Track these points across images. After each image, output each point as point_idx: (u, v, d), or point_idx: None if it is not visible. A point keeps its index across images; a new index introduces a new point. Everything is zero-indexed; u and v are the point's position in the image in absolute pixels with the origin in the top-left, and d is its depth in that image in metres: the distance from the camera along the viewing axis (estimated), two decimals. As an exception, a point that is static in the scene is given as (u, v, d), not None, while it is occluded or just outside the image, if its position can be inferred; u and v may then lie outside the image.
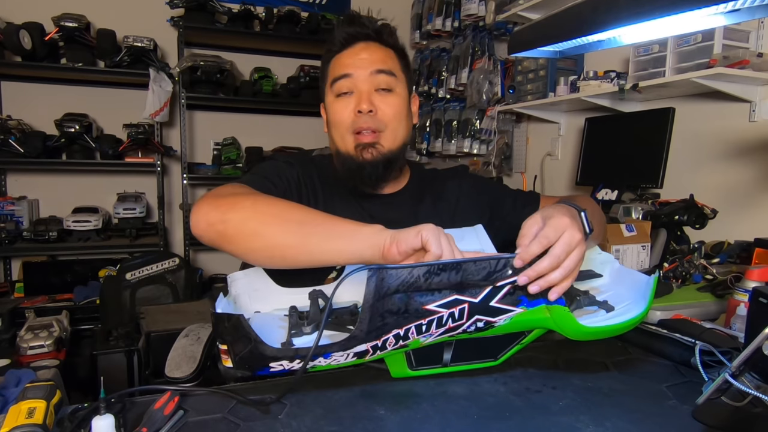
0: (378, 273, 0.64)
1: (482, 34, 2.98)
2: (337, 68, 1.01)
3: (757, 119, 1.74)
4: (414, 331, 0.69)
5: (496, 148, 2.90)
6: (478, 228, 0.89)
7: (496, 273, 0.69)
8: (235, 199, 0.82)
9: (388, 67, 1.00)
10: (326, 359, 0.69)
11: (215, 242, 0.80)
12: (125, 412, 0.68)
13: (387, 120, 1.00)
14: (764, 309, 0.70)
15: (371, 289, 0.64)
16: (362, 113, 0.98)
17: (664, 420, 0.69)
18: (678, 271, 1.29)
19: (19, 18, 2.91)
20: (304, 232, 0.76)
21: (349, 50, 1.02)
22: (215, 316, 0.69)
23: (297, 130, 3.81)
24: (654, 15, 0.66)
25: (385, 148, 1.00)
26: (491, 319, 0.71)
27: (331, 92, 1.02)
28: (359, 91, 0.99)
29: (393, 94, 1.01)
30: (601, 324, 0.74)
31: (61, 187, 3.30)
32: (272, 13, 3.39)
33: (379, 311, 0.66)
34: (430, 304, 0.67)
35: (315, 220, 0.78)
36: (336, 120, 1.01)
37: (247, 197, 0.83)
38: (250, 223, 0.78)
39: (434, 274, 0.66)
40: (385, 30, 1.03)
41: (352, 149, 1.00)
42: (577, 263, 0.71)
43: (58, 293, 2.94)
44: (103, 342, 1.94)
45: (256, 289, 0.84)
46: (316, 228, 0.76)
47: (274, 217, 0.78)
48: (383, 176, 1.03)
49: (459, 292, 0.68)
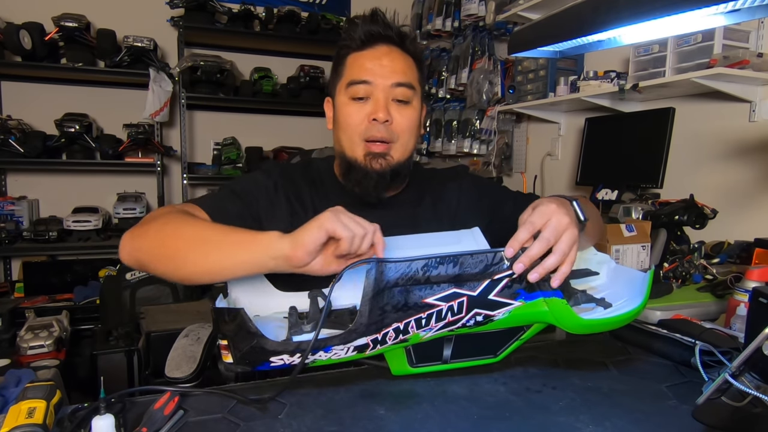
0: (377, 266, 0.65)
1: (482, 34, 2.98)
2: (356, 70, 0.97)
3: (757, 119, 1.74)
4: (414, 324, 0.69)
5: (496, 148, 2.90)
6: (474, 231, 0.89)
7: (493, 266, 0.70)
8: (148, 227, 0.84)
9: (408, 80, 0.98)
10: (327, 353, 0.69)
11: (137, 268, 0.86)
12: (125, 412, 0.68)
13: (400, 131, 0.98)
14: (764, 309, 0.70)
15: (370, 281, 0.65)
16: (377, 122, 0.95)
17: (664, 420, 0.69)
18: (678, 271, 1.29)
19: (19, 18, 2.92)
20: (204, 251, 0.77)
21: (370, 51, 0.98)
22: (216, 310, 0.70)
23: (297, 130, 3.82)
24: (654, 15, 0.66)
25: (394, 160, 0.98)
26: (490, 312, 0.72)
27: (345, 93, 0.99)
28: (376, 99, 0.96)
29: (409, 106, 0.99)
30: (599, 316, 0.74)
31: (61, 187, 3.30)
32: (272, 13, 3.39)
33: (379, 304, 0.67)
34: (429, 297, 0.68)
35: (215, 237, 0.78)
36: (346, 123, 0.98)
37: (157, 223, 0.84)
38: (156, 249, 0.81)
39: (432, 267, 0.67)
40: (408, 35, 1.00)
41: (360, 156, 0.98)
42: (569, 246, 0.72)
43: (58, 293, 2.93)
44: (103, 342, 1.94)
45: (255, 293, 0.84)
46: (216, 244, 0.77)
47: (176, 239, 0.80)
48: (389, 186, 1.01)
49: (457, 285, 0.69)
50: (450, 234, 0.88)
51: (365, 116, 0.96)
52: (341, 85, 1.00)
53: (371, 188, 0.99)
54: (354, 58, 0.99)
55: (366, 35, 0.97)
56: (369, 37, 0.98)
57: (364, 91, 0.96)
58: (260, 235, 0.74)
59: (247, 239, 0.74)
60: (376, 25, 0.98)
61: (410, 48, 1.01)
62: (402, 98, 0.98)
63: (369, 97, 0.97)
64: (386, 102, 0.96)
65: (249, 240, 0.74)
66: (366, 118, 0.96)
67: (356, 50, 0.99)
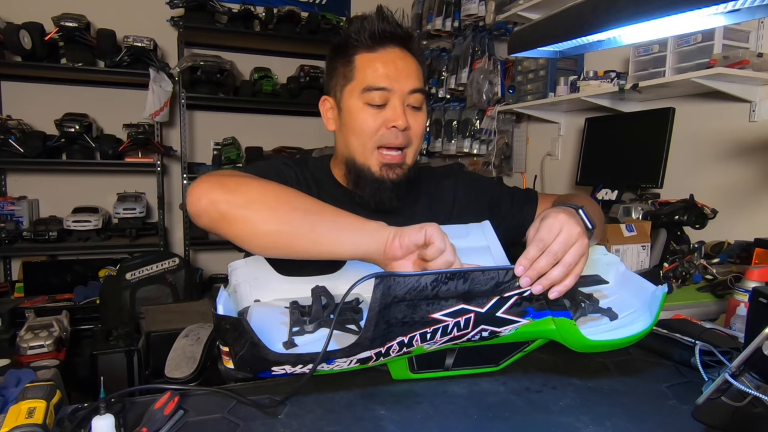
0: (385, 281, 0.63)
1: (482, 34, 2.98)
2: (371, 75, 0.94)
3: (757, 119, 1.74)
4: (418, 338, 0.68)
5: (496, 148, 2.90)
6: (484, 224, 0.89)
7: (504, 284, 0.68)
8: (242, 180, 0.78)
9: (421, 85, 0.97)
10: (329, 365, 0.68)
11: (215, 224, 0.77)
12: (125, 412, 0.68)
13: (414, 137, 0.98)
14: (764, 309, 0.70)
15: (377, 297, 0.63)
16: (396, 129, 0.94)
17: (664, 420, 0.69)
18: (678, 271, 1.29)
19: (19, 18, 2.92)
20: (310, 221, 0.74)
21: (383, 54, 0.95)
22: (216, 317, 0.69)
23: (297, 130, 3.82)
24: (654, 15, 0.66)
25: (408, 166, 0.99)
26: (497, 329, 0.70)
27: (358, 98, 0.95)
28: (394, 107, 0.94)
29: (422, 111, 0.99)
30: (605, 338, 0.72)
31: (61, 187, 3.30)
32: (272, 13, 3.39)
33: (385, 318, 0.65)
34: (437, 312, 0.66)
35: (323, 211, 0.77)
36: (361, 129, 0.96)
37: (254, 180, 0.81)
38: (256, 206, 0.75)
39: (442, 282, 0.65)
40: (414, 36, 0.99)
41: (375, 165, 0.96)
42: (577, 259, 0.70)
43: (58, 293, 2.94)
44: (103, 342, 1.94)
45: (256, 278, 0.82)
46: (323, 218, 0.75)
47: (281, 203, 0.76)
48: (404, 194, 1.00)
49: (466, 301, 0.67)
50: (459, 227, 0.87)
51: (381, 123, 0.95)
52: (352, 89, 0.97)
53: (386, 198, 0.97)
54: (365, 59, 0.96)
55: (377, 33, 0.94)
56: (380, 36, 0.95)
57: (380, 98, 0.94)
58: (369, 222, 0.74)
59: (359, 223, 0.74)
60: (386, 23, 0.95)
61: (416, 50, 0.99)
62: (416, 104, 0.97)
63: (385, 103, 0.95)
64: (403, 108, 0.95)
65: (360, 224, 0.74)
66: (383, 125, 0.95)
67: (367, 50, 0.96)
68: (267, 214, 0.75)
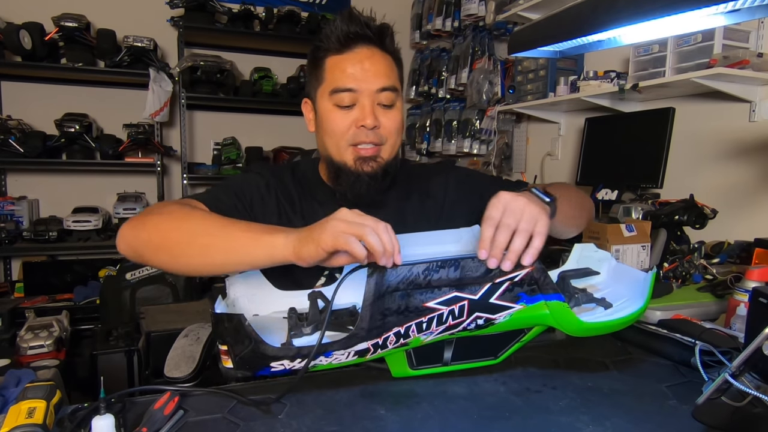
0: (378, 271, 0.65)
1: (482, 34, 2.98)
2: (338, 76, 0.95)
3: (757, 119, 1.74)
4: (415, 329, 0.69)
5: (496, 148, 2.90)
6: (475, 228, 0.89)
7: (494, 270, 0.70)
8: (148, 218, 0.85)
9: (392, 83, 0.97)
10: (327, 358, 0.69)
11: (134, 259, 0.86)
12: (125, 412, 0.68)
13: (387, 134, 0.98)
14: (764, 309, 0.70)
15: (371, 287, 0.65)
16: (365, 128, 0.95)
17: (664, 420, 0.69)
18: (678, 271, 1.29)
19: (19, 18, 2.91)
20: (202, 243, 0.78)
21: (350, 55, 0.96)
22: (215, 316, 0.69)
23: (297, 130, 3.81)
24: (654, 15, 0.66)
25: (384, 160, 0.99)
26: (491, 316, 0.72)
27: (328, 99, 0.97)
28: (362, 106, 0.95)
29: (394, 108, 0.99)
30: (599, 319, 0.74)
31: (61, 187, 3.29)
32: (272, 13, 3.39)
33: (380, 309, 0.66)
34: (431, 301, 0.68)
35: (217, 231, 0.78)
36: (332, 129, 0.97)
37: (158, 215, 0.85)
38: (156, 240, 0.82)
39: (433, 270, 0.67)
40: (386, 32, 0.99)
41: (350, 161, 0.98)
42: (533, 223, 0.71)
43: (58, 293, 2.93)
44: (103, 342, 1.94)
45: (254, 293, 0.84)
46: (216, 239, 0.77)
47: (176, 231, 0.81)
48: (382, 186, 1.01)
49: (458, 289, 0.69)
50: (450, 232, 0.88)
51: (351, 122, 0.96)
52: (322, 91, 0.98)
53: (363, 191, 0.98)
54: (334, 61, 0.97)
55: (344, 36, 0.95)
56: (347, 38, 0.95)
57: (349, 99, 0.95)
58: (265, 237, 0.73)
59: (250, 240, 0.74)
60: (353, 24, 0.95)
61: (389, 47, 0.99)
62: (387, 103, 0.97)
63: (354, 103, 0.96)
64: (372, 107, 0.95)
65: (253, 241, 0.74)
66: (353, 124, 0.96)
67: (335, 53, 0.96)
68: (164, 245, 0.81)
